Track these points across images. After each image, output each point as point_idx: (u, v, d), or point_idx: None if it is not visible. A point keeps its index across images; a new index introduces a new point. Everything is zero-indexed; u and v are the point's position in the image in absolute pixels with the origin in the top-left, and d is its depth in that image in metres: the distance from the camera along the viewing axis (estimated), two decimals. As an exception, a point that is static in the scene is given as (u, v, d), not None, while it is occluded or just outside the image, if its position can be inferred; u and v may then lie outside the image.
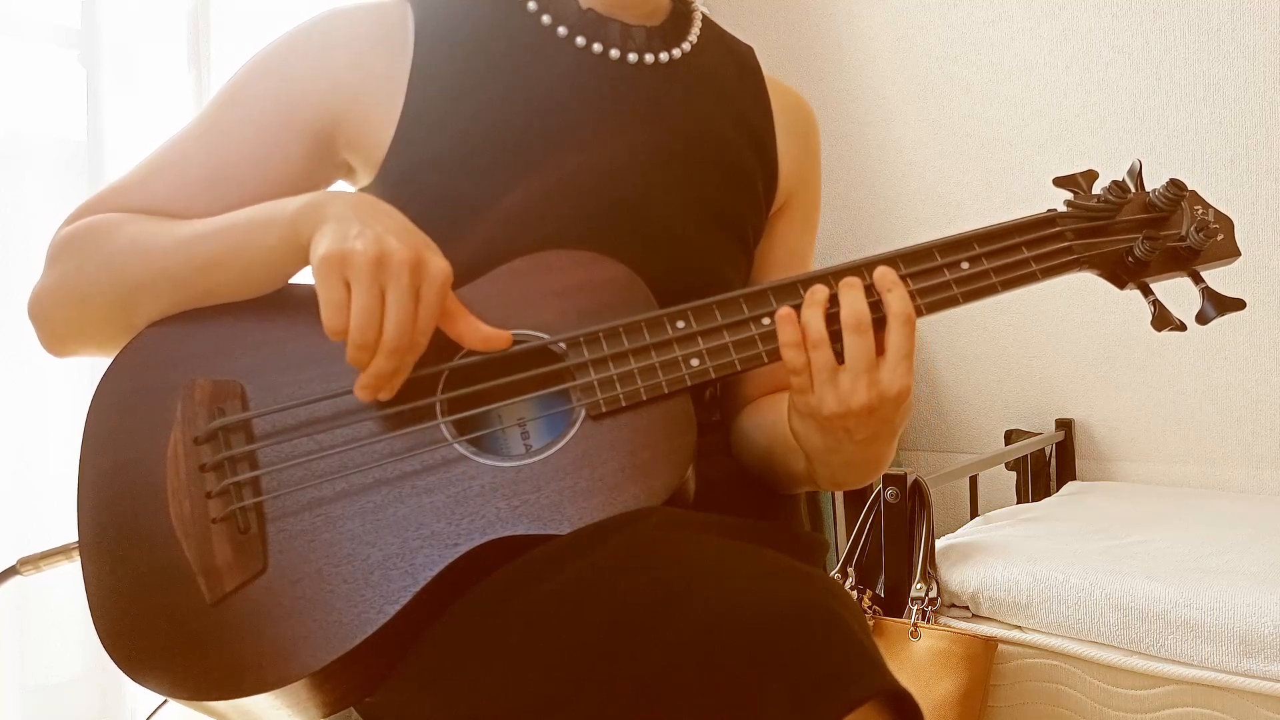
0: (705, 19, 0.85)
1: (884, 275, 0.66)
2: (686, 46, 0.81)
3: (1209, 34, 2.06)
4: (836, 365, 0.64)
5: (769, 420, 0.80)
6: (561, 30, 0.77)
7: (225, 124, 0.74)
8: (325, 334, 0.60)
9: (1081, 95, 2.23)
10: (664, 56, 0.79)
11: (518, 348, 0.66)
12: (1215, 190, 2.07)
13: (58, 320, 0.72)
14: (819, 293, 0.66)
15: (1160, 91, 2.13)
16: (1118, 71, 2.18)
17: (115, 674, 1.55)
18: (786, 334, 0.65)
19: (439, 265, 0.61)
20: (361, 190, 0.78)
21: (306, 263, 0.64)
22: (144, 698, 1.54)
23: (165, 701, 0.62)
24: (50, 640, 1.54)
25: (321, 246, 0.60)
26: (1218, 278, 2.03)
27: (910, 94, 2.48)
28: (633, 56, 0.78)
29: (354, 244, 0.60)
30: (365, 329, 0.59)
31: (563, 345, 0.67)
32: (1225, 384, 2.11)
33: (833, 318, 0.65)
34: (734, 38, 0.88)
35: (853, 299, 0.65)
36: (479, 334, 0.64)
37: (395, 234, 0.61)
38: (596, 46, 0.77)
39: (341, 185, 0.81)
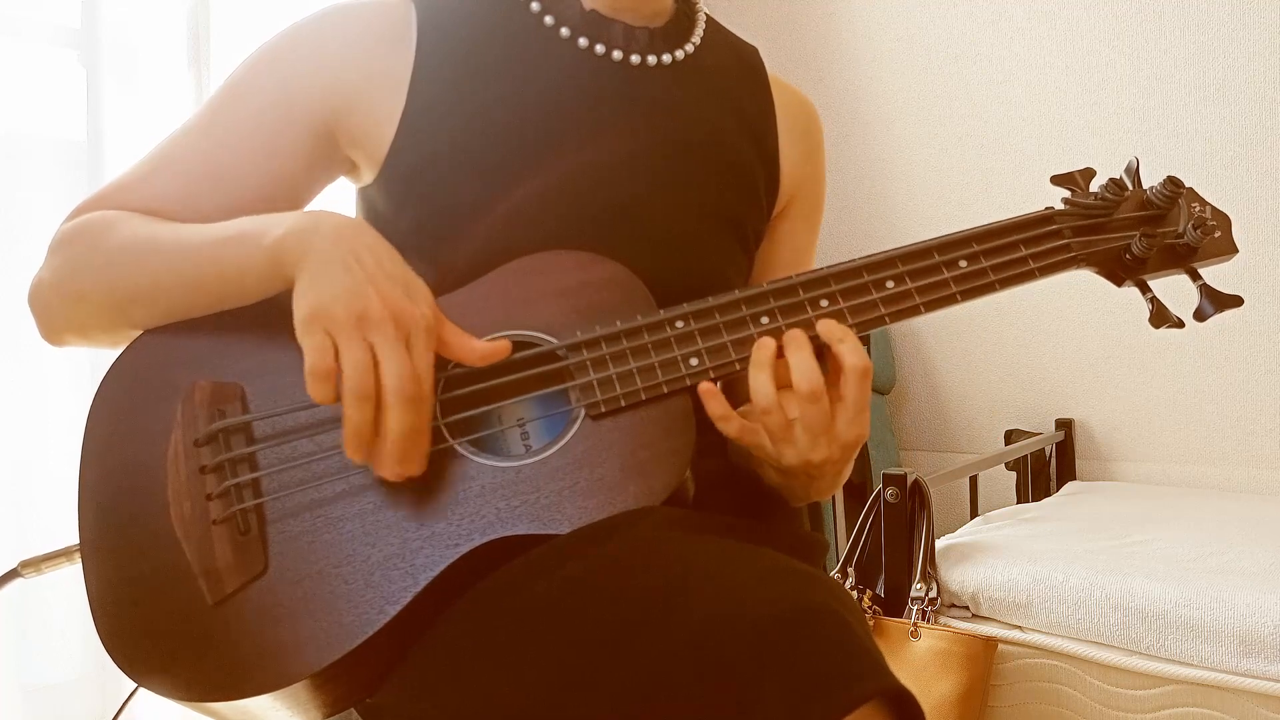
0: (709, 19, 0.85)
1: (830, 329, 0.66)
2: (690, 48, 0.81)
3: (1209, 34, 2.06)
4: (789, 424, 0.64)
5: None
6: (564, 31, 0.77)
7: (226, 121, 0.74)
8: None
9: (1081, 95, 2.23)
10: (667, 58, 0.79)
11: (519, 355, 0.66)
12: (1215, 190, 2.07)
13: (54, 313, 0.72)
14: (765, 349, 0.65)
15: (1160, 91, 2.13)
16: (1118, 71, 2.18)
17: (115, 674, 1.55)
18: (714, 409, 0.65)
19: (420, 315, 0.61)
20: (364, 188, 0.78)
21: (289, 286, 0.64)
22: (144, 698, 1.54)
23: (136, 689, 0.62)
24: (50, 640, 1.54)
25: (303, 307, 0.60)
26: (1217, 279, 2.04)
27: (910, 94, 2.48)
28: (635, 58, 0.78)
29: (334, 305, 0.59)
30: (362, 378, 0.58)
31: (562, 346, 0.67)
32: (1225, 384, 2.11)
33: (783, 364, 0.65)
34: (738, 38, 0.88)
35: (803, 363, 0.63)
36: (476, 352, 0.64)
37: (375, 282, 0.60)
38: (599, 48, 0.77)
39: (344, 183, 0.81)
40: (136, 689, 0.60)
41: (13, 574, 0.80)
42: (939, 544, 1.62)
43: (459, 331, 0.64)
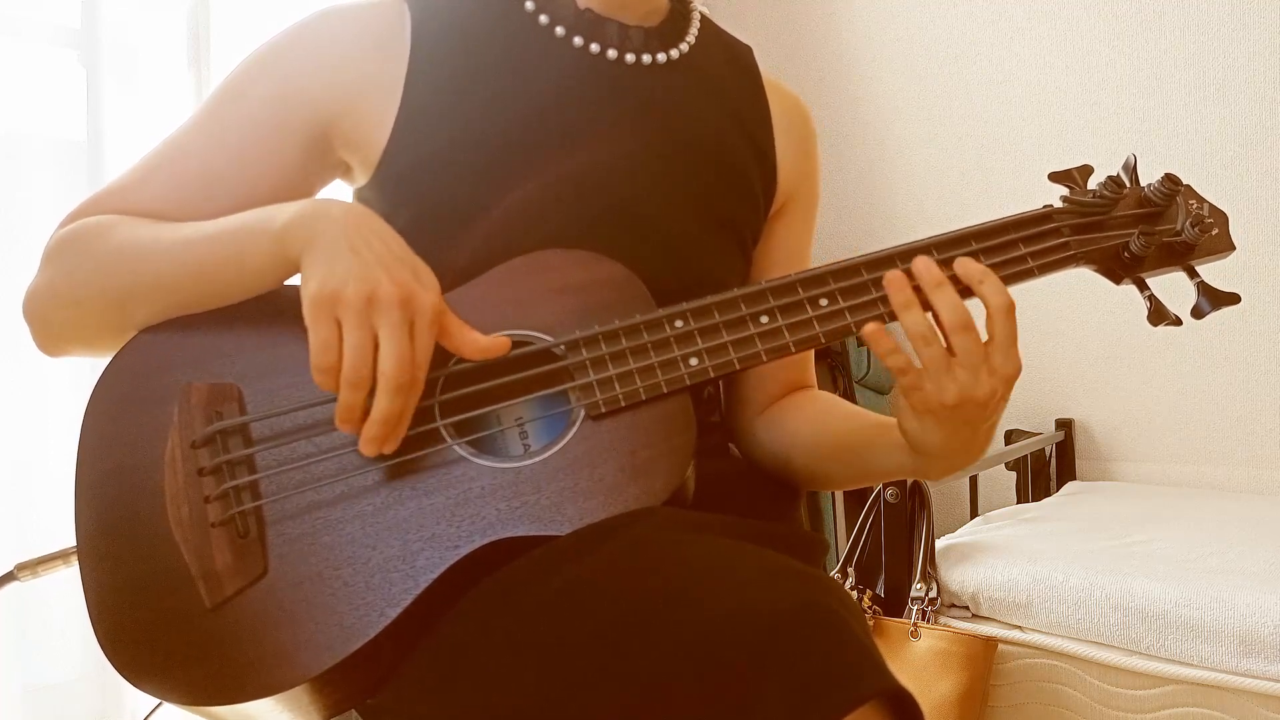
0: (704, 18, 0.85)
1: (970, 269, 0.66)
2: (684, 47, 0.81)
3: (1209, 34, 2.06)
4: (950, 357, 0.64)
5: (807, 430, 0.80)
6: (559, 30, 0.76)
7: (221, 124, 0.74)
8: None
9: (1081, 95, 2.23)
10: (661, 57, 0.79)
11: (516, 352, 0.66)
12: (1215, 190, 2.07)
13: (52, 321, 0.72)
14: (905, 290, 0.65)
15: (1160, 91, 2.13)
16: (1118, 71, 2.18)
17: (115, 674, 1.55)
18: (882, 345, 0.65)
19: (428, 300, 0.61)
20: (359, 190, 0.78)
21: (295, 272, 0.64)
22: (144, 698, 1.54)
23: (160, 704, 0.62)
24: (50, 640, 1.54)
25: (312, 285, 0.60)
26: (1216, 277, 2.04)
27: (910, 94, 2.47)
28: (630, 57, 0.78)
29: (344, 285, 0.59)
30: (359, 365, 0.58)
31: (561, 346, 0.67)
32: (1225, 384, 2.11)
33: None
34: (733, 37, 0.88)
35: (946, 298, 0.65)
36: (477, 345, 0.64)
37: (385, 265, 0.60)
38: (594, 46, 0.77)
39: (339, 185, 0.81)
40: (160, 704, 0.60)
41: (9, 577, 0.80)
42: (939, 544, 1.62)
43: (461, 323, 0.64)
